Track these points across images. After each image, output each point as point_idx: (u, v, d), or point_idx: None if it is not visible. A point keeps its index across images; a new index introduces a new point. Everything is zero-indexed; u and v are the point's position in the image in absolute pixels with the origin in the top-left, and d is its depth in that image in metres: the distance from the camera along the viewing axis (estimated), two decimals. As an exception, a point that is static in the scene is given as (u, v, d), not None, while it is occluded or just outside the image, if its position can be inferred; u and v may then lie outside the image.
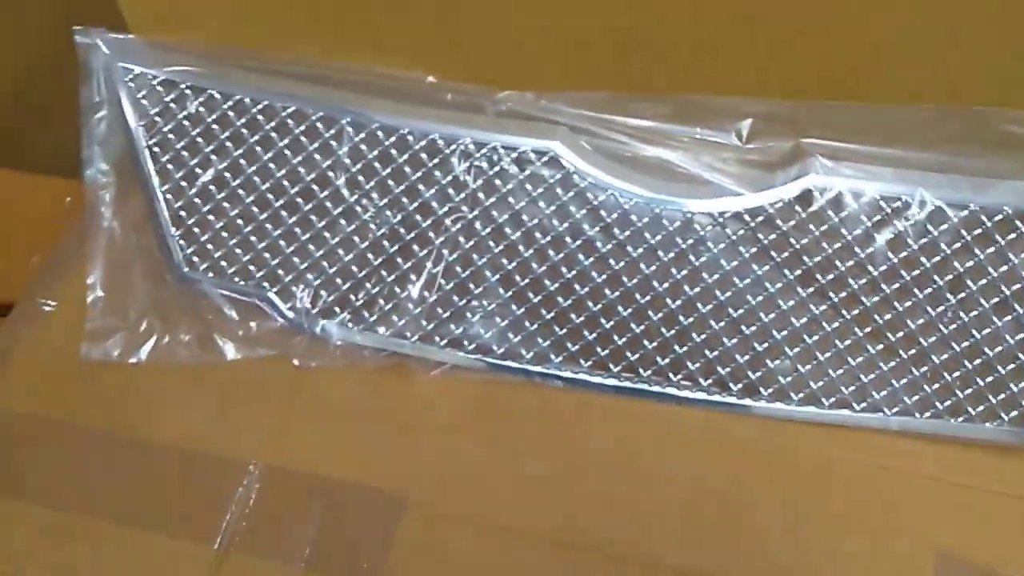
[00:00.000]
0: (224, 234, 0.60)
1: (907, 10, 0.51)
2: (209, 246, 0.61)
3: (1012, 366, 0.53)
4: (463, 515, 0.55)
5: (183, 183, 0.60)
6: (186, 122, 0.59)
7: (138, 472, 0.58)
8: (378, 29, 0.58)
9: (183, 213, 0.61)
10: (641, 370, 0.57)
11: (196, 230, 0.61)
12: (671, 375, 0.57)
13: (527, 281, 0.57)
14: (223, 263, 0.61)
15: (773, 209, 0.53)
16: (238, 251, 0.60)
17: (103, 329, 0.61)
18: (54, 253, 0.67)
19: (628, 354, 0.57)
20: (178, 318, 0.61)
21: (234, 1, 0.59)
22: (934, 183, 0.52)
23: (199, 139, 0.59)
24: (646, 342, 0.57)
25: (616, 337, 0.57)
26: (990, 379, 0.54)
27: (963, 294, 0.53)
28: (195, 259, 0.61)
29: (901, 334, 0.54)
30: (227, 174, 0.59)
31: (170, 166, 0.60)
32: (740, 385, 0.56)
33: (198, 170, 0.60)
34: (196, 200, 0.60)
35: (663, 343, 0.57)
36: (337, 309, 0.60)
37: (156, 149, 0.60)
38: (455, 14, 0.57)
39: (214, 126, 0.59)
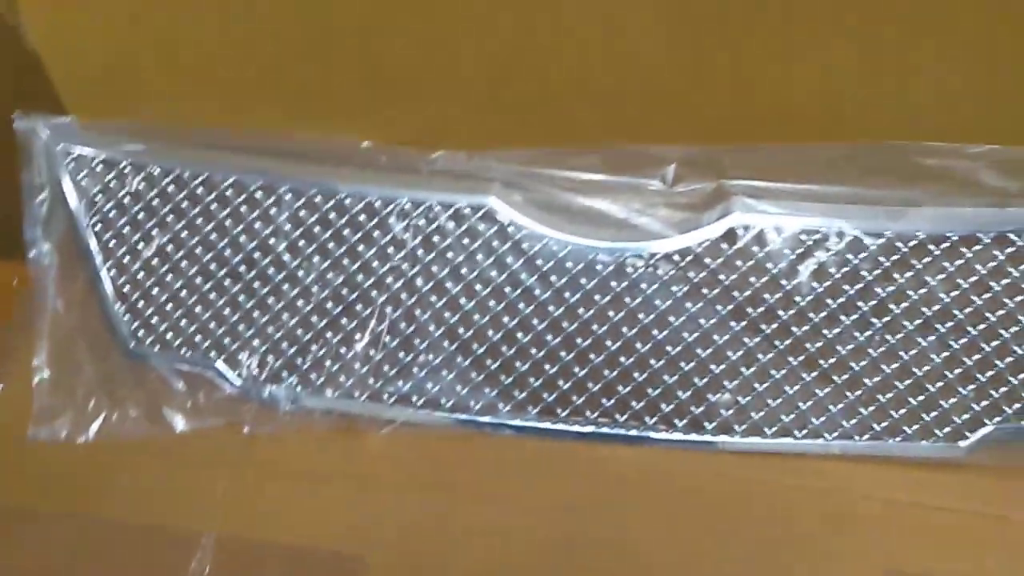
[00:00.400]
0: (169, 307, 0.61)
1: (817, 58, 0.54)
2: (154, 320, 0.61)
3: (940, 384, 0.55)
4: (423, 572, 0.55)
5: (126, 259, 0.61)
6: (127, 199, 0.60)
7: (91, 551, 0.57)
8: (312, 99, 0.60)
9: (127, 289, 0.61)
10: (587, 413, 0.58)
11: (140, 305, 0.61)
12: (617, 416, 0.58)
13: (470, 333, 0.58)
14: (169, 336, 0.61)
15: (701, 248, 0.55)
16: (183, 323, 0.61)
17: (50, 410, 0.61)
18: (1, 336, 0.67)
19: (573, 398, 0.58)
20: (126, 394, 0.61)
21: (171, 80, 0.60)
22: (851, 214, 0.55)
23: (141, 215, 0.60)
24: (590, 384, 0.58)
25: (560, 382, 0.58)
26: (921, 398, 0.56)
27: (887, 318, 0.55)
28: (141, 333, 0.61)
29: (833, 360, 0.56)
30: (169, 247, 0.60)
31: (113, 243, 0.61)
32: (684, 421, 0.58)
33: (141, 245, 0.61)
34: (140, 275, 0.61)
35: (606, 385, 0.58)
36: (284, 374, 0.60)
37: (99, 227, 0.61)
38: (385, 80, 0.59)
39: (155, 201, 0.60)
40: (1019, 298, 0.54)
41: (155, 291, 0.61)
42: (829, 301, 0.55)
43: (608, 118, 0.58)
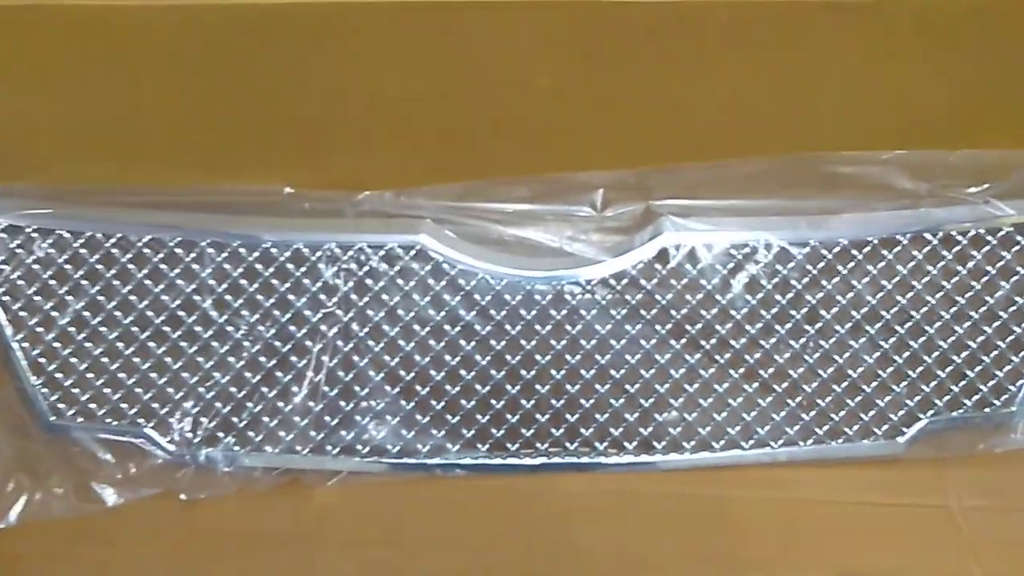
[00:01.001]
0: (90, 375, 0.58)
1: (731, 80, 0.55)
2: (75, 390, 0.58)
3: (875, 383, 0.57)
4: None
5: (39, 329, 0.57)
6: (36, 266, 0.57)
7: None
8: (229, 147, 0.58)
9: (43, 360, 0.57)
10: (538, 444, 0.58)
11: (59, 376, 0.58)
12: (567, 445, 0.58)
13: (412, 375, 0.57)
14: (92, 405, 0.58)
15: (635, 270, 0.56)
16: (107, 391, 0.58)
17: (-35, 497, 0.57)
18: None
19: (523, 431, 0.58)
20: (49, 470, 0.58)
21: (73, 140, 0.57)
22: (775, 226, 0.56)
23: (52, 282, 0.57)
24: (538, 416, 0.57)
25: (509, 416, 0.57)
26: (858, 398, 0.57)
27: (819, 324, 0.56)
28: (61, 406, 0.58)
29: (771, 369, 0.57)
30: (86, 313, 0.57)
31: (23, 313, 0.57)
32: (634, 443, 0.58)
33: (54, 313, 0.57)
34: (55, 345, 0.57)
35: (555, 414, 0.57)
36: (220, 434, 0.58)
37: (6, 298, 0.57)
38: (305, 124, 0.58)
39: (67, 266, 0.57)
40: (939, 295, 0.56)
41: (73, 360, 0.57)
42: (763, 312, 0.56)
43: (531, 150, 0.58)
